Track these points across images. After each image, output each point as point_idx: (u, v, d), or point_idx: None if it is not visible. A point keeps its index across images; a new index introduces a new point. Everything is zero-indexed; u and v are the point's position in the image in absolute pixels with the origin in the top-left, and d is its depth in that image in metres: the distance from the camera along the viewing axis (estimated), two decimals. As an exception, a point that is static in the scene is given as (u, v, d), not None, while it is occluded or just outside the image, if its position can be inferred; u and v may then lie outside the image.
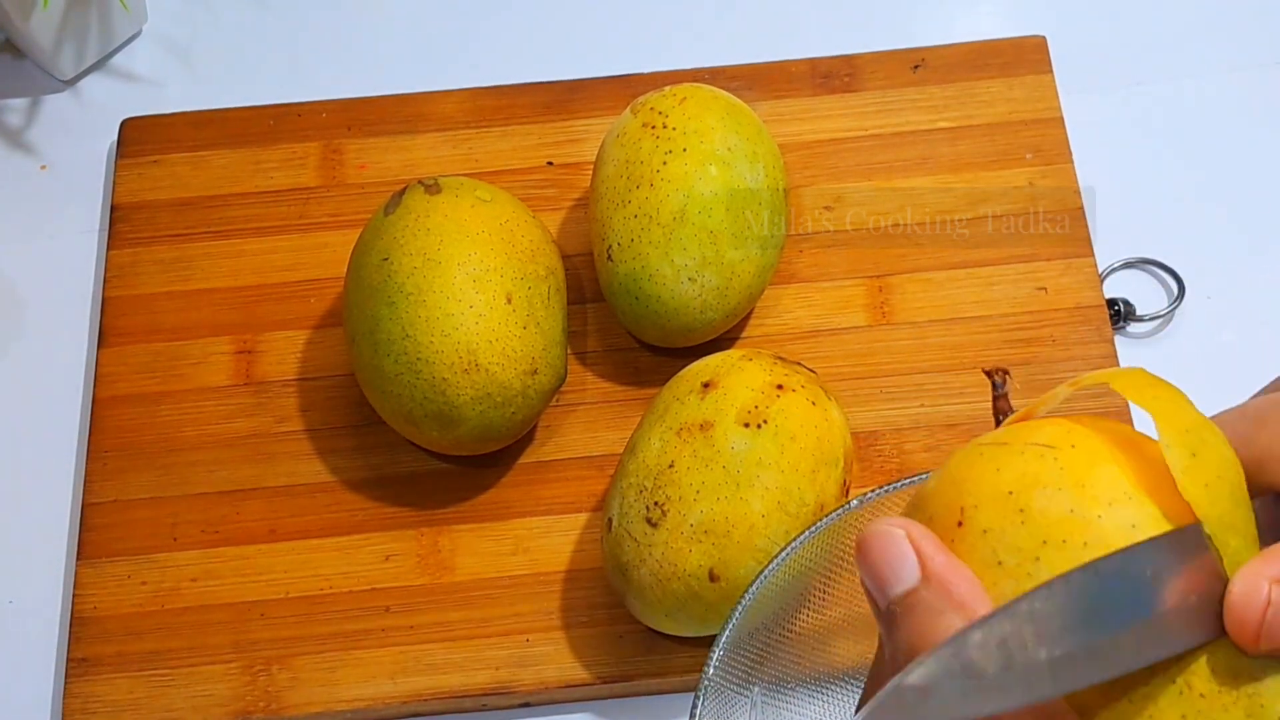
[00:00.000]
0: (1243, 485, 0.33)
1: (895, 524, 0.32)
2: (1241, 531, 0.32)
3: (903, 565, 0.32)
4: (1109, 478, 0.32)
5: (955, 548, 0.33)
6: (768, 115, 0.73)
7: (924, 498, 0.35)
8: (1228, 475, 0.32)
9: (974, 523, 0.33)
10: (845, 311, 0.70)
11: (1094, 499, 0.32)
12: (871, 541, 0.32)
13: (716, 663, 0.54)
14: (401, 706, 0.63)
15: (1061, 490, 0.32)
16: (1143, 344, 0.70)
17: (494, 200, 0.65)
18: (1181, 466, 0.32)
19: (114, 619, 0.64)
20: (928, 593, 0.31)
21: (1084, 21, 0.79)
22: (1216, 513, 0.32)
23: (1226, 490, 0.32)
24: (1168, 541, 0.31)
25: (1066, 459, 0.32)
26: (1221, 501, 0.32)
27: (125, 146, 0.75)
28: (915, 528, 0.32)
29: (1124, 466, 0.32)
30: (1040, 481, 0.32)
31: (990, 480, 0.33)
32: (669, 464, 0.59)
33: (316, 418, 0.68)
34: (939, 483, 0.34)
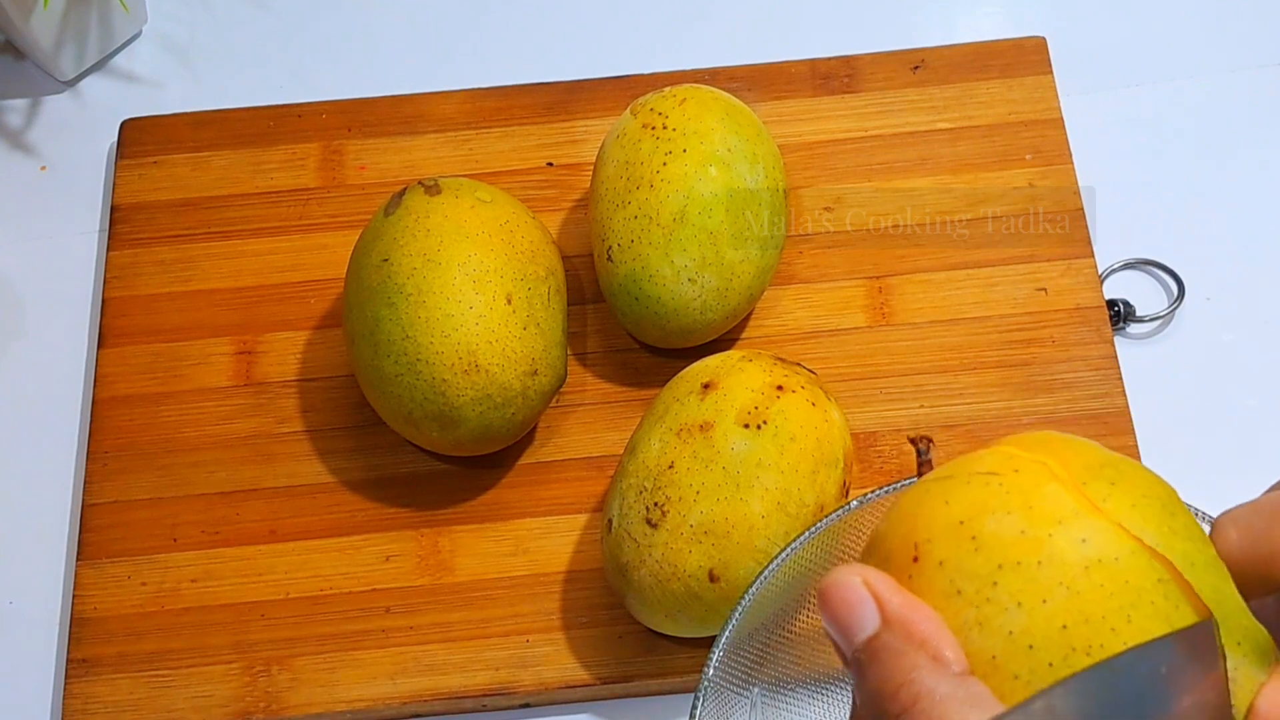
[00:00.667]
0: (1175, 499, 0.33)
1: (852, 571, 0.33)
2: (1188, 537, 0.33)
3: (863, 612, 0.32)
4: (1054, 496, 0.32)
5: (913, 584, 0.33)
6: (768, 116, 0.73)
7: (878, 538, 0.35)
8: (1154, 493, 0.33)
9: (929, 556, 0.33)
10: (845, 312, 0.70)
11: (1043, 518, 0.32)
12: (830, 592, 0.33)
13: (716, 663, 0.54)
14: (401, 707, 0.63)
15: (1010, 513, 0.32)
16: (1143, 344, 0.70)
17: (494, 201, 0.65)
18: (1102, 496, 0.33)
19: (114, 620, 0.65)
20: (889, 636, 0.32)
21: (1084, 21, 0.79)
22: (1152, 527, 0.32)
23: (1157, 505, 0.33)
24: (1178, 639, 0.31)
25: (1012, 483, 0.33)
26: (1153, 516, 0.32)
27: (125, 147, 0.75)
28: (871, 573, 0.33)
29: (1068, 484, 0.33)
30: (989, 508, 0.33)
31: (941, 513, 0.33)
32: (669, 465, 0.59)
33: (317, 419, 0.68)
34: (891, 522, 0.35)
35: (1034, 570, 0.31)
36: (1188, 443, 0.67)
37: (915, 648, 0.31)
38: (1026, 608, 0.31)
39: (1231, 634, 0.32)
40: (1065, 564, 0.31)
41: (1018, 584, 0.32)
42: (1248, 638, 0.32)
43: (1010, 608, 0.31)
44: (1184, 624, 0.31)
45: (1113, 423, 0.66)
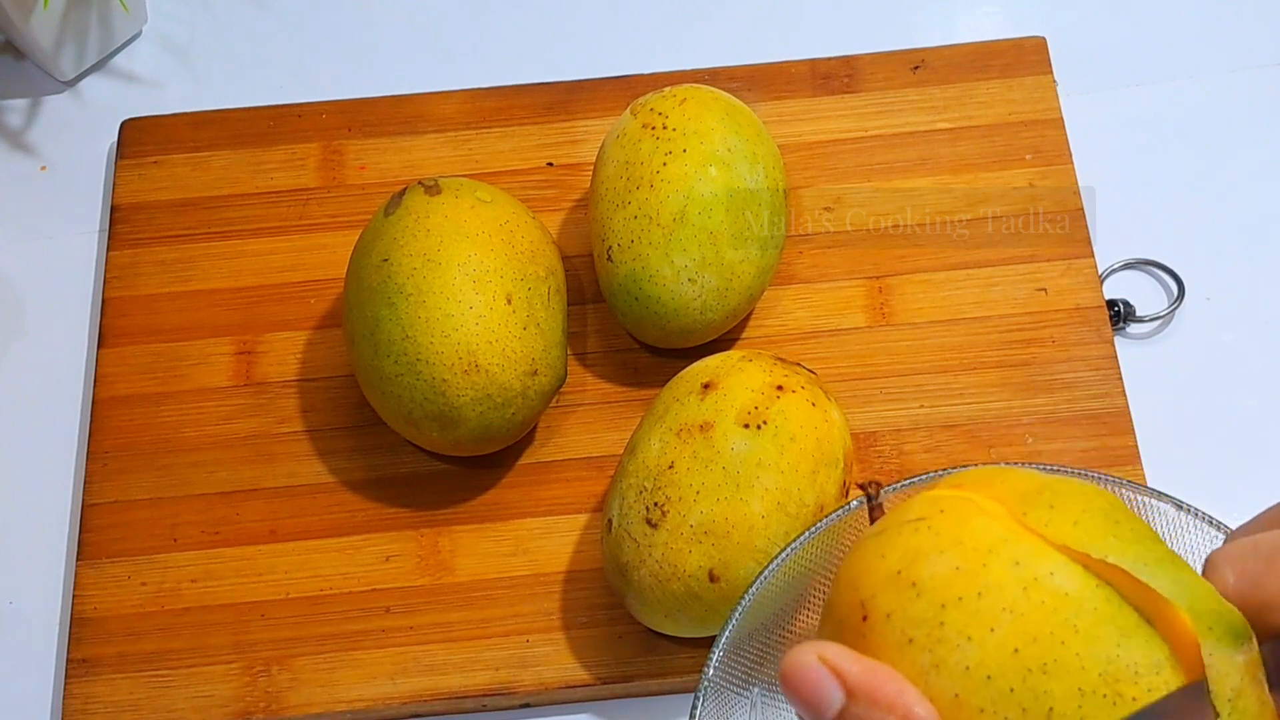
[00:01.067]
0: (1120, 507, 0.34)
1: (807, 650, 0.33)
2: (1136, 540, 0.33)
3: (825, 688, 0.33)
4: (982, 528, 0.33)
5: (868, 642, 0.34)
6: (768, 116, 0.73)
7: (828, 606, 0.36)
8: (1094, 505, 0.34)
9: (876, 611, 0.34)
10: (845, 312, 0.70)
11: (975, 550, 0.33)
12: (789, 674, 0.33)
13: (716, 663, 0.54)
14: (401, 707, 0.63)
15: (943, 553, 0.33)
16: (1143, 345, 0.70)
17: (494, 201, 0.65)
18: (1044, 522, 0.33)
19: (114, 620, 0.65)
20: (856, 707, 0.32)
21: (1084, 21, 0.79)
22: (1099, 541, 0.32)
23: (1099, 518, 0.33)
24: (1170, 703, 0.31)
25: (939, 524, 0.33)
26: (1098, 529, 0.33)
27: (125, 147, 0.75)
28: (825, 647, 0.33)
29: (993, 514, 0.33)
30: (922, 552, 0.33)
31: (879, 567, 0.34)
32: (669, 465, 0.59)
33: (317, 418, 0.68)
34: (838, 588, 0.35)
35: (976, 603, 0.32)
36: (1188, 443, 0.67)
37: (884, 712, 0.32)
38: (977, 640, 0.32)
39: (1201, 619, 0.32)
40: (1004, 589, 0.32)
41: (963, 619, 0.32)
42: (1219, 621, 0.32)
43: (961, 643, 0.32)
44: (1130, 623, 0.31)
45: (1113, 423, 0.66)
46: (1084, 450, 0.66)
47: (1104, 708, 0.31)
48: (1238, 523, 0.36)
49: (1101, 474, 0.57)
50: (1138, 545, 0.33)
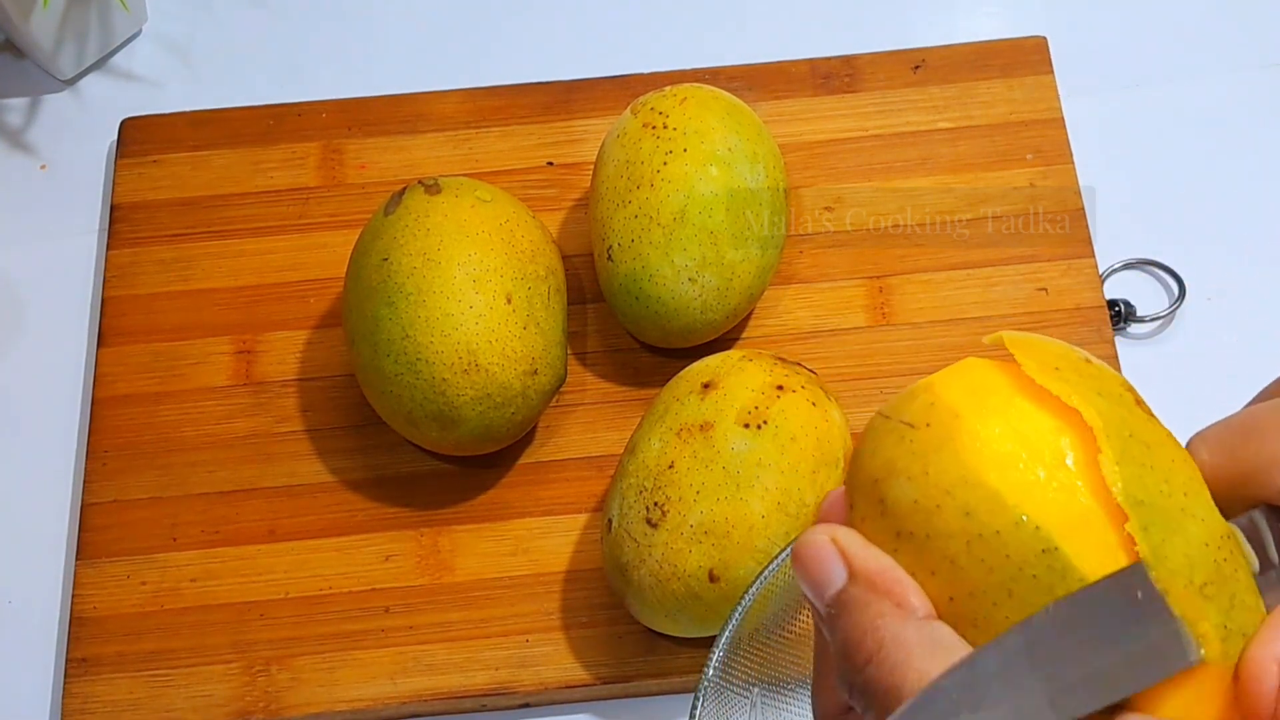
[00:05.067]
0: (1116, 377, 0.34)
1: (821, 530, 0.34)
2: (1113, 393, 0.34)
3: (831, 567, 0.34)
4: (948, 462, 0.33)
5: (863, 526, 0.34)
6: (768, 115, 0.73)
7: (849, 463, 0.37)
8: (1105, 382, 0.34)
9: (856, 509, 0.34)
10: (845, 312, 0.70)
11: (934, 487, 0.33)
12: (801, 551, 0.34)
13: (716, 663, 0.54)
14: (401, 707, 0.63)
15: (910, 480, 0.33)
16: (1143, 345, 0.70)
17: (494, 200, 0.65)
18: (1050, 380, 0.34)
19: (113, 619, 0.64)
20: (856, 589, 0.33)
21: (1084, 21, 0.79)
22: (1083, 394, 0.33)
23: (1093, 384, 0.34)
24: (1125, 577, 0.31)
25: (918, 441, 0.33)
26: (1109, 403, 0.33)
27: (125, 146, 0.75)
28: (839, 531, 0.34)
29: (968, 446, 0.33)
30: (895, 469, 0.33)
31: (868, 465, 0.34)
32: (669, 464, 0.59)
33: (316, 418, 0.68)
34: (855, 452, 0.36)
35: (923, 543, 0.32)
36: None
37: (880, 597, 0.32)
38: (919, 579, 0.32)
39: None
40: (950, 538, 0.32)
41: (910, 555, 0.33)
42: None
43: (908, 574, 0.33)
44: (1068, 591, 0.31)
45: (1113, 423, 0.66)
46: (1084, 450, 0.66)
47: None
48: (1237, 522, 0.36)
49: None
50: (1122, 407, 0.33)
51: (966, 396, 0.34)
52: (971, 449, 0.33)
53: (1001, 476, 0.32)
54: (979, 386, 0.35)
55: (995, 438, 0.33)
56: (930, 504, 0.32)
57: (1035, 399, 0.34)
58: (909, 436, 0.34)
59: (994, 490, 0.32)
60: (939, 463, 0.33)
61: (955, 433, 0.33)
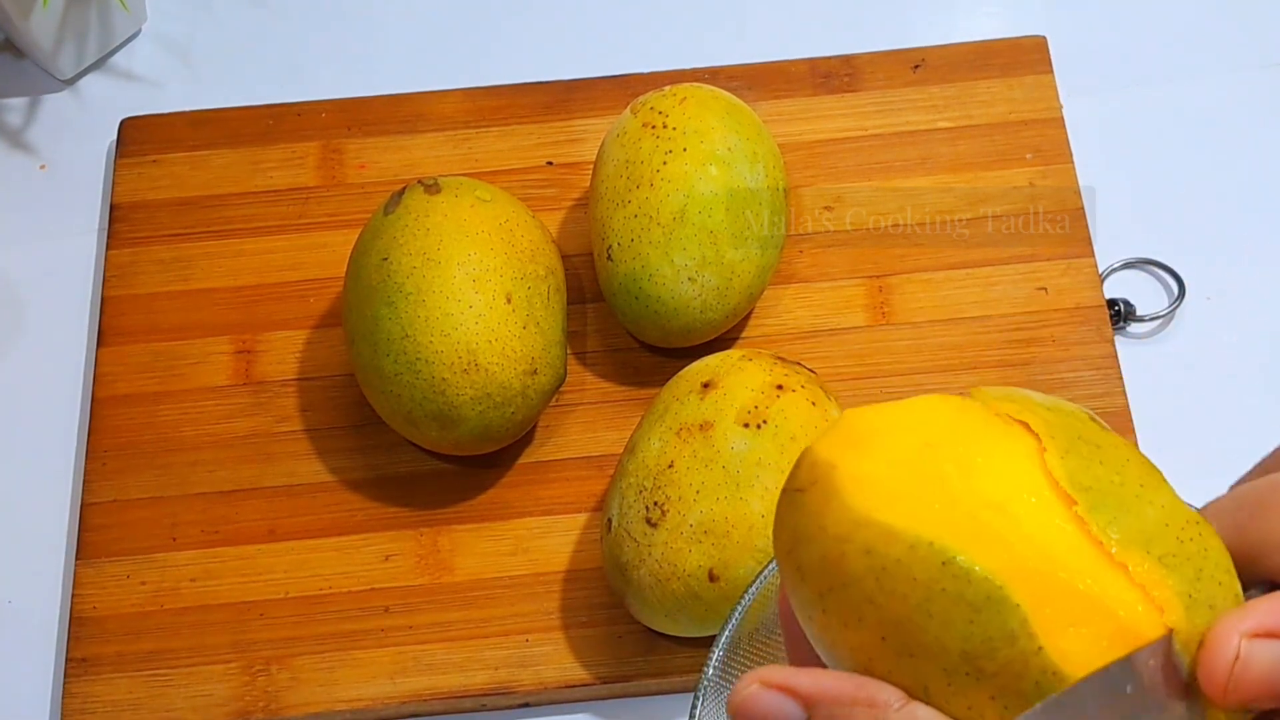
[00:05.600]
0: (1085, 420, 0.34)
1: (746, 682, 0.33)
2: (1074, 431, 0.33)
3: (782, 710, 0.32)
4: (838, 512, 0.33)
5: (795, 599, 0.34)
6: (768, 115, 0.73)
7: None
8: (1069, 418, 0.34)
9: (786, 585, 0.34)
10: (845, 311, 0.70)
11: (833, 539, 0.33)
12: (740, 712, 0.33)
13: (716, 663, 0.54)
14: (401, 707, 0.63)
15: (812, 540, 0.33)
16: (1143, 344, 0.70)
17: (494, 200, 0.65)
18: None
19: (113, 619, 0.64)
20: (820, 712, 0.32)
21: (1084, 21, 0.79)
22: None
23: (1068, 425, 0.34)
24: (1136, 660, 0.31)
25: (809, 503, 0.34)
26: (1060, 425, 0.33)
27: (124, 146, 0.75)
28: (764, 672, 0.33)
29: (850, 490, 0.33)
30: (798, 537, 0.34)
31: (779, 542, 0.35)
32: (669, 464, 0.59)
33: (316, 418, 0.68)
34: (773, 537, 0.36)
35: (841, 593, 0.32)
36: (1188, 443, 0.67)
37: (848, 707, 0.32)
38: (852, 627, 0.32)
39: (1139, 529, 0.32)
40: (861, 580, 0.32)
41: (836, 611, 0.33)
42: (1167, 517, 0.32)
43: (842, 629, 0.33)
44: (979, 596, 0.31)
45: (1113, 422, 0.66)
46: (1084, 450, 0.66)
47: (971, 685, 0.31)
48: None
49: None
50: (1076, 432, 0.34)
51: (841, 448, 0.35)
52: (854, 492, 0.33)
53: (888, 507, 0.33)
54: (854, 433, 0.35)
55: (873, 475, 0.33)
56: (835, 555, 0.33)
57: (950, 429, 0.34)
58: (800, 501, 0.34)
59: (883, 523, 0.32)
60: (831, 515, 0.33)
61: (837, 483, 0.34)
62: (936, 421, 0.34)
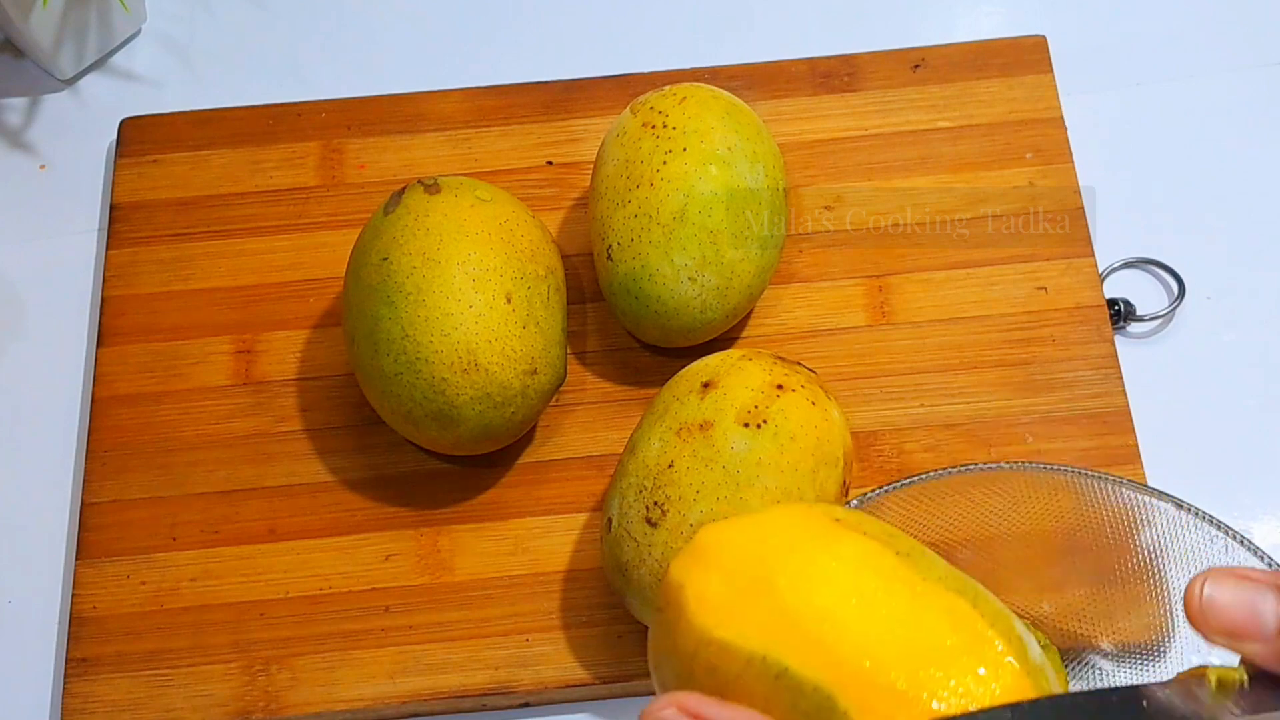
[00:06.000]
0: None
1: (662, 703, 0.33)
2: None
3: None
4: (685, 631, 0.36)
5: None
6: (767, 115, 0.73)
7: None
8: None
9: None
10: (845, 311, 0.70)
11: (683, 657, 0.36)
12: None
13: (716, 663, 0.54)
14: (401, 706, 0.63)
15: (668, 657, 0.37)
16: (1143, 344, 0.70)
17: (493, 200, 0.65)
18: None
19: (113, 619, 0.64)
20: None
21: (1084, 21, 0.79)
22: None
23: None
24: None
25: (664, 623, 0.37)
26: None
27: (124, 146, 0.75)
28: (683, 697, 0.33)
29: (694, 609, 0.36)
30: (659, 654, 0.38)
31: (649, 658, 0.39)
32: (669, 464, 0.59)
33: (316, 418, 0.68)
34: None
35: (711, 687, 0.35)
36: (1188, 443, 0.67)
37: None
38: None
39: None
40: (715, 691, 0.34)
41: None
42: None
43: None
44: (811, 706, 0.33)
45: (1113, 422, 0.66)
46: (1084, 449, 0.66)
47: None
48: (1237, 522, 0.38)
49: (1102, 473, 0.57)
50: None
51: (689, 567, 0.37)
52: (697, 610, 0.35)
53: (726, 624, 0.34)
54: (702, 551, 0.38)
55: (713, 593, 0.35)
56: (686, 672, 0.35)
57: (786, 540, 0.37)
58: (659, 621, 0.36)
59: (722, 640, 0.34)
60: (680, 634, 0.35)
61: (683, 602, 0.36)
62: (777, 534, 0.36)
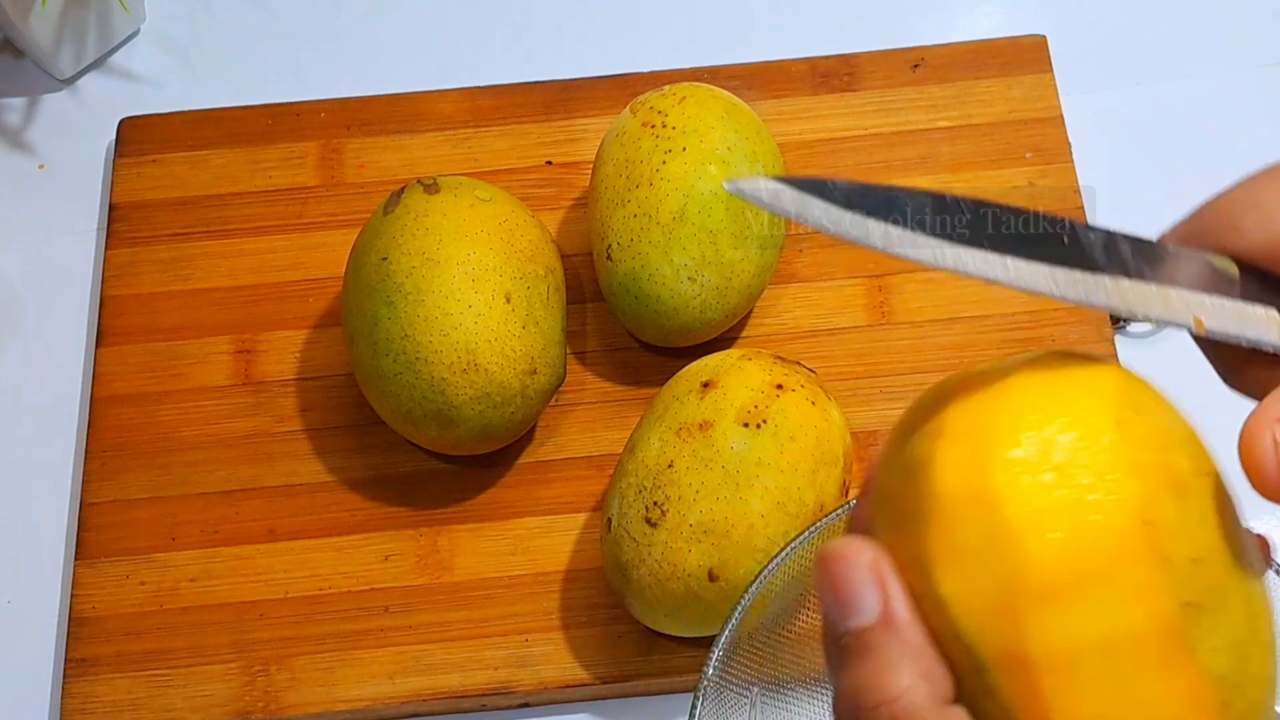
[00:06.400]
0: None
1: (863, 550, 0.31)
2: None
3: (863, 598, 0.31)
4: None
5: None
6: (767, 115, 0.73)
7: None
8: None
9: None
10: (845, 311, 0.70)
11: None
12: (833, 564, 0.31)
13: (716, 663, 0.54)
14: (400, 707, 0.63)
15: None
16: (1143, 344, 0.70)
17: (493, 200, 0.65)
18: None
19: (113, 619, 0.64)
20: (885, 638, 0.31)
21: (1084, 21, 0.79)
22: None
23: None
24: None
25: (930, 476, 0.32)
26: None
27: (123, 146, 0.75)
28: (884, 562, 0.31)
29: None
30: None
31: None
32: (668, 464, 0.58)
33: (315, 418, 0.68)
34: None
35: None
36: (1188, 442, 0.67)
37: (909, 660, 0.30)
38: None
39: None
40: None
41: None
42: None
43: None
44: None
45: (1113, 422, 0.66)
46: (1084, 449, 0.66)
47: None
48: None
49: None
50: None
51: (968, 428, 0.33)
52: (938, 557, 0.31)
53: (952, 580, 0.31)
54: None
55: (957, 541, 0.31)
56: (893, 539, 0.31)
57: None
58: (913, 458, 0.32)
59: (939, 595, 0.30)
60: (916, 508, 0.31)
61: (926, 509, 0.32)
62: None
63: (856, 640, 0.31)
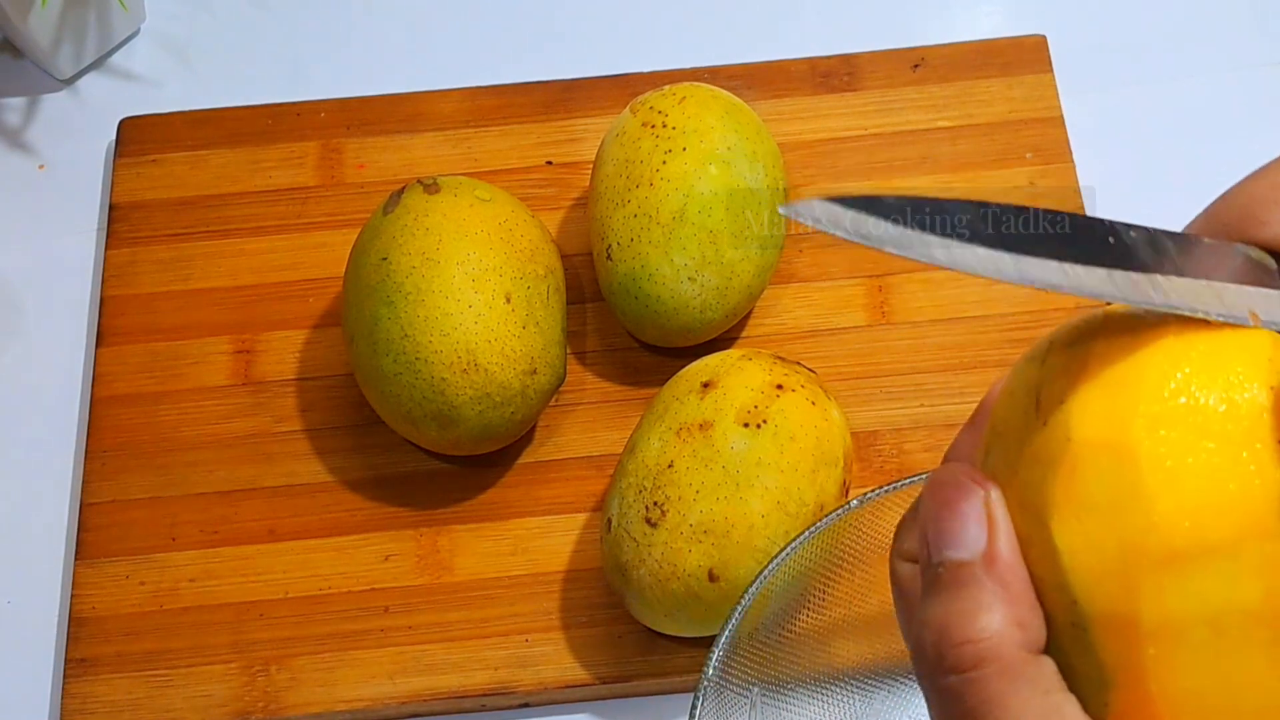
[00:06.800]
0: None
1: (979, 482, 0.30)
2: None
3: (968, 530, 0.30)
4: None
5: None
6: (767, 114, 0.73)
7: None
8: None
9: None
10: (845, 311, 0.69)
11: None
12: (946, 490, 0.30)
13: (716, 663, 0.54)
14: (400, 707, 0.63)
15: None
16: (1143, 344, 0.70)
17: (493, 200, 0.65)
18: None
19: (112, 619, 0.64)
20: (984, 575, 0.30)
21: (1084, 21, 0.79)
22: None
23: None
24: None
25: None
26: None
27: (123, 146, 0.75)
28: (998, 499, 0.30)
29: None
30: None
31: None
32: (668, 464, 0.58)
33: (315, 418, 0.68)
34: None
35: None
36: (1188, 442, 0.67)
37: (1005, 602, 0.29)
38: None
39: None
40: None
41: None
42: None
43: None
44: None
45: (1113, 422, 0.66)
46: (1084, 449, 0.66)
47: None
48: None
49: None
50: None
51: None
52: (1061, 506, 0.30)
53: (1073, 530, 0.29)
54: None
55: (1084, 496, 0.30)
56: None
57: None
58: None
59: (1056, 546, 0.29)
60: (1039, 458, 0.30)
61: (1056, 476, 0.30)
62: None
63: (952, 572, 0.30)
